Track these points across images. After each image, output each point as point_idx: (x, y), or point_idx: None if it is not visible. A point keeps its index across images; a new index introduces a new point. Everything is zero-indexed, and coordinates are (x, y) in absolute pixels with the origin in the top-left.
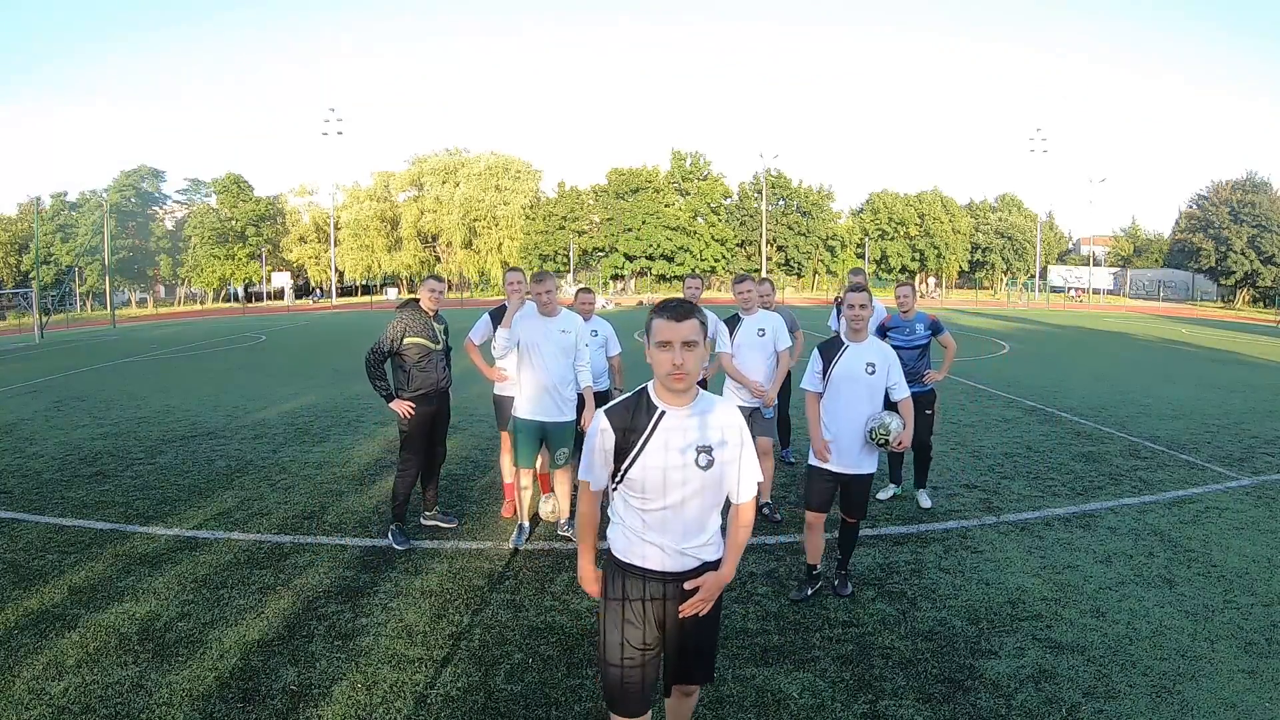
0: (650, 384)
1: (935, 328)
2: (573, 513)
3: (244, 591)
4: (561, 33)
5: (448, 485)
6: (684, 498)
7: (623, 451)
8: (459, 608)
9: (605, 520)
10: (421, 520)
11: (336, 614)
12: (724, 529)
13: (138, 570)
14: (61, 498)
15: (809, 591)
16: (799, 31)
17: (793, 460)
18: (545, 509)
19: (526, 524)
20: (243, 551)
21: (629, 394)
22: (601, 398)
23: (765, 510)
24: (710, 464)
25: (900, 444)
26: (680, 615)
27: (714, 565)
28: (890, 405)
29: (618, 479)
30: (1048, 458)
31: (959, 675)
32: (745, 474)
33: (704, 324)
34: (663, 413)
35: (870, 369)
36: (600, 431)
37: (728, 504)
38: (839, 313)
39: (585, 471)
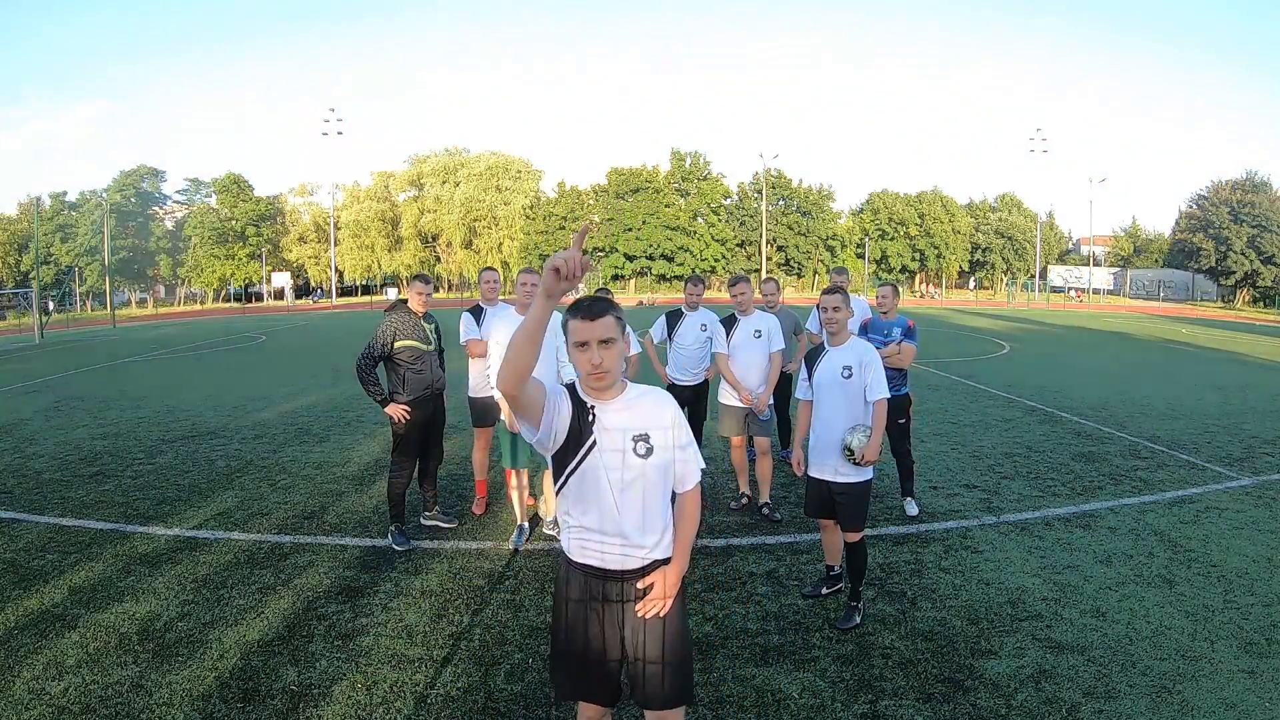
0: (575, 381)
1: (906, 333)
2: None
3: (244, 591)
4: (562, 33)
5: (448, 485)
6: (627, 488)
7: (574, 430)
8: (459, 608)
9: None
10: (421, 520)
11: (336, 614)
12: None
13: (138, 570)
14: (61, 498)
15: (823, 590)
16: (799, 31)
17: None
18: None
19: (526, 524)
20: (243, 551)
21: (565, 385)
22: None
23: (765, 510)
24: (650, 451)
25: (864, 459)
26: (639, 614)
27: (666, 564)
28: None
29: (565, 475)
30: (1048, 458)
31: (959, 675)
32: (687, 462)
33: (620, 320)
34: (593, 407)
35: (846, 372)
36: (559, 392)
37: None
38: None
39: (534, 424)
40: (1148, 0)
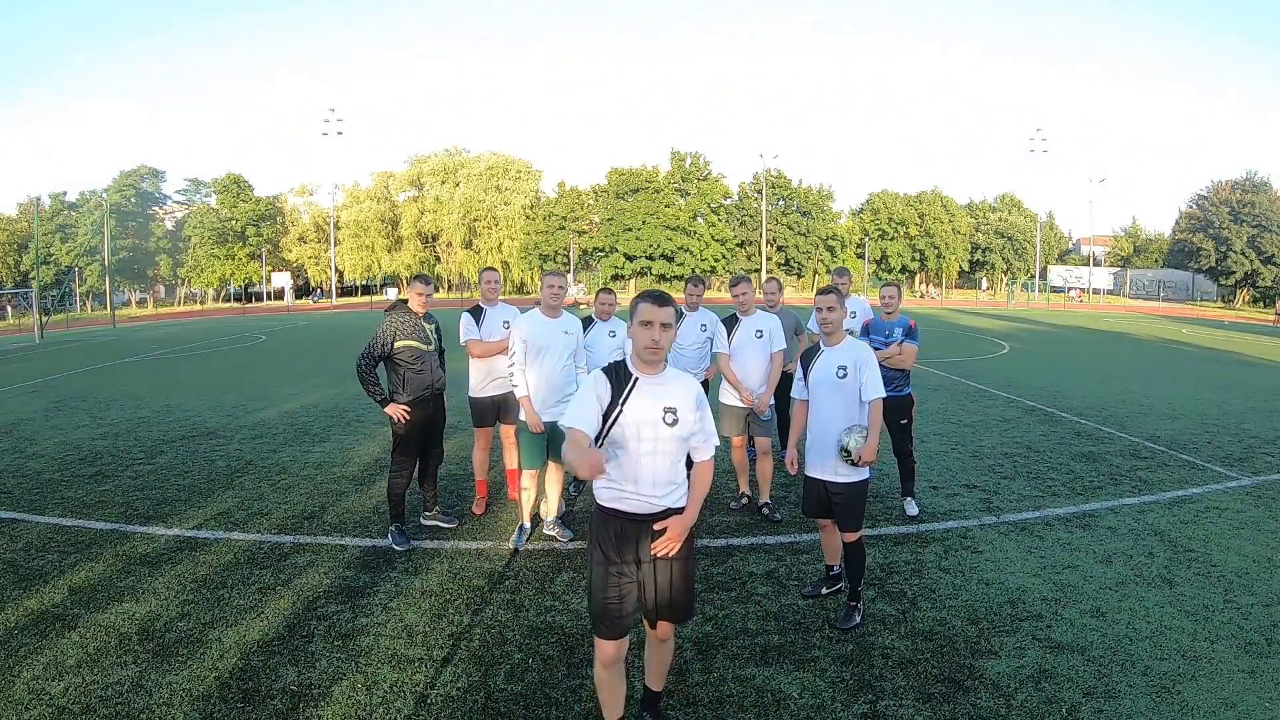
0: (626, 358)
1: (908, 333)
2: (561, 514)
3: (244, 591)
4: (562, 33)
5: (447, 485)
6: (654, 449)
7: (614, 401)
8: (459, 608)
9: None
10: (421, 520)
11: (336, 614)
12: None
13: (138, 570)
14: (61, 498)
15: (823, 590)
16: (799, 32)
17: None
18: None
19: (527, 524)
20: (243, 551)
21: (610, 364)
22: None
23: (765, 510)
24: (675, 421)
25: (861, 460)
26: (653, 554)
27: (680, 512)
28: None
29: (605, 431)
30: (1048, 458)
31: (959, 675)
32: (704, 436)
33: (679, 313)
34: (636, 379)
35: (841, 372)
36: (596, 381)
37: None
38: None
39: (576, 418)
40: (1147, 1)
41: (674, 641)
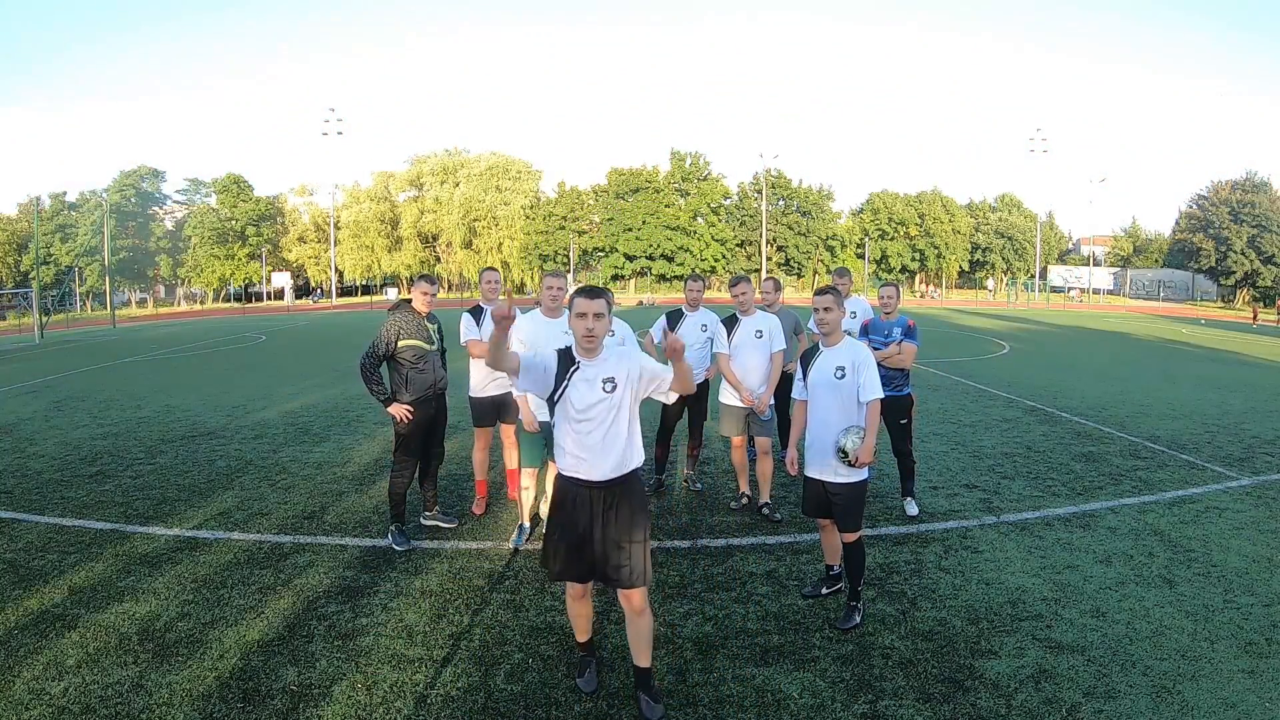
0: (572, 346)
1: (907, 332)
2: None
3: (244, 591)
4: (562, 32)
5: (448, 485)
6: (599, 421)
7: (558, 382)
8: (459, 608)
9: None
10: (421, 520)
11: (336, 614)
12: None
13: (138, 570)
14: (61, 498)
15: (823, 590)
16: (799, 31)
17: None
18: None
19: (527, 524)
20: (243, 551)
21: (563, 349)
22: None
23: (765, 510)
24: (615, 389)
25: (858, 461)
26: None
27: (623, 479)
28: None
29: (556, 401)
30: (1048, 458)
31: (959, 675)
32: (655, 378)
33: (610, 304)
34: (579, 364)
35: (839, 373)
36: (550, 354)
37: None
38: None
39: (528, 384)
40: (1148, 1)
41: (650, 616)
